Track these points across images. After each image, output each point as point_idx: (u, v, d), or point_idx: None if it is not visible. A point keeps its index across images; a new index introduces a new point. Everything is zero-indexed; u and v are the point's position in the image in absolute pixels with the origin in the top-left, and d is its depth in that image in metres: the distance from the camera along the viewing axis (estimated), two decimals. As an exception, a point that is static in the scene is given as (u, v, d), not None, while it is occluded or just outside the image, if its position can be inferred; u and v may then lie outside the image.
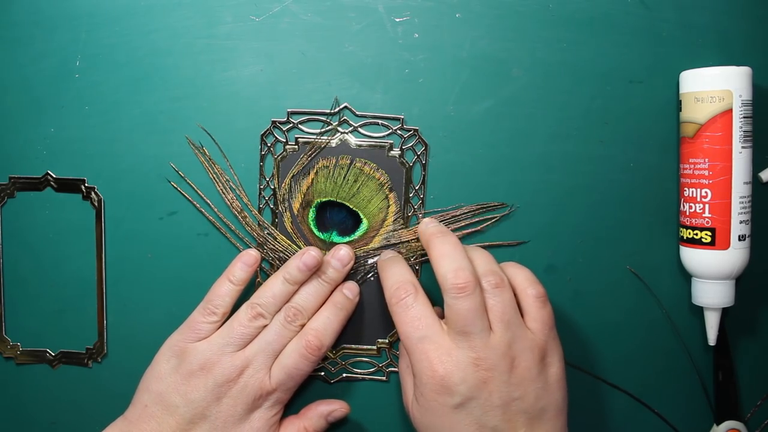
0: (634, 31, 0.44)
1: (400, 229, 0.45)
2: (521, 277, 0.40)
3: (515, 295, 0.39)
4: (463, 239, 0.45)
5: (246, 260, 0.42)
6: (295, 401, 0.44)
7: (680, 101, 0.43)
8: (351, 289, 0.44)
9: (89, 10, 0.44)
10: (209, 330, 0.41)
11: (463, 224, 0.45)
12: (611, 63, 0.44)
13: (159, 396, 0.40)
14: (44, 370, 0.46)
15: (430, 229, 0.41)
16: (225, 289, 0.42)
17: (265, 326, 0.41)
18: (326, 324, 0.41)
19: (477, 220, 0.45)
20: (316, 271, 0.42)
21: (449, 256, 0.39)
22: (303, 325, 0.41)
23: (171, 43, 0.44)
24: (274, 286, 0.42)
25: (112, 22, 0.44)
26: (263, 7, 0.44)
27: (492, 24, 0.44)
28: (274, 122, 0.44)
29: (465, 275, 0.37)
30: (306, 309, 0.41)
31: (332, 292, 0.43)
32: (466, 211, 0.45)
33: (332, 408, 0.43)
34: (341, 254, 0.43)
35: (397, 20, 0.44)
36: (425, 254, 0.44)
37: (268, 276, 0.45)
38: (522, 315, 0.39)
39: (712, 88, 0.41)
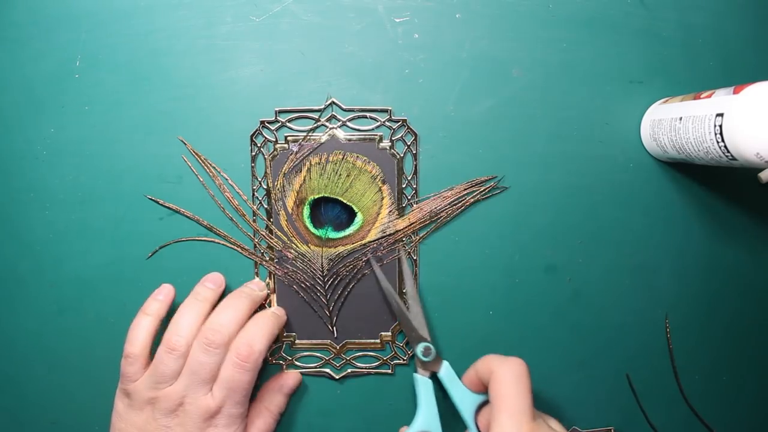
0: (634, 31, 0.44)
1: (395, 221, 0.45)
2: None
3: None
4: (460, 216, 0.45)
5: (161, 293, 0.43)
6: (300, 399, 0.44)
7: (680, 101, 0.43)
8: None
9: (89, 10, 0.44)
10: (136, 372, 0.41)
11: (456, 211, 0.45)
12: (611, 63, 0.44)
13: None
14: (44, 370, 0.46)
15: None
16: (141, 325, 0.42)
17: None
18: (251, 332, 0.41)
19: (472, 200, 0.45)
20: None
21: None
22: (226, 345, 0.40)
23: (171, 43, 0.44)
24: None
25: (112, 22, 0.44)
26: (263, 7, 0.44)
27: (492, 24, 0.44)
28: (262, 122, 0.44)
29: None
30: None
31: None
32: (457, 190, 0.45)
33: (282, 381, 0.45)
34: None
35: (397, 20, 0.44)
36: (421, 246, 0.44)
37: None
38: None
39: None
